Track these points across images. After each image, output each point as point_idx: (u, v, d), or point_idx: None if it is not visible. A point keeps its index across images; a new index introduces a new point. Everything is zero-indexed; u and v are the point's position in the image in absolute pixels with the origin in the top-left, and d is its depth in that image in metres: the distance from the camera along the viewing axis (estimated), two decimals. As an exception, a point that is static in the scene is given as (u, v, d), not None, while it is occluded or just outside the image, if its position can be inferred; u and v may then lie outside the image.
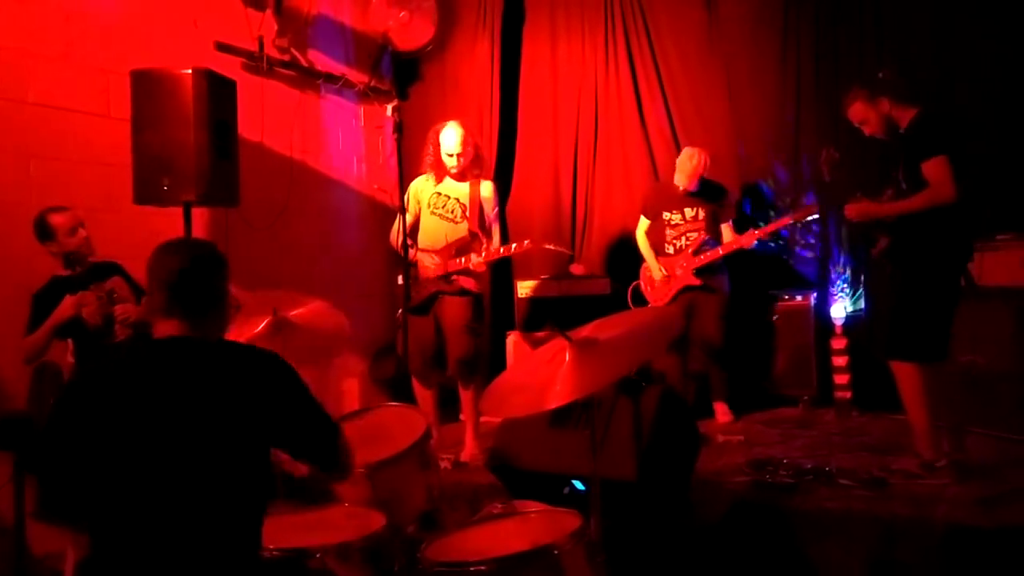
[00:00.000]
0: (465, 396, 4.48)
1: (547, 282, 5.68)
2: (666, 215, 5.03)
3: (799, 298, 5.15)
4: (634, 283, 5.21)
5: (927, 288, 3.51)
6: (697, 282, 4.89)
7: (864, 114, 3.66)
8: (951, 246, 3.54)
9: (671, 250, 5.01)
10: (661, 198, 5.10)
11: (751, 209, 5.42)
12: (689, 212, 4.97)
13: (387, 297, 5.87)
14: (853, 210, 3.67)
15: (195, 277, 1.94)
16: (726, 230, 4.97)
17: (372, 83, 6.14)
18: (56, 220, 3.64)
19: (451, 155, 4.35)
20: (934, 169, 3.40)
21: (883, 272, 3.73)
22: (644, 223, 5.14)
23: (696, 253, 4.90)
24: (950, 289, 3.54)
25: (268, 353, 1.94)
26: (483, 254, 4.28)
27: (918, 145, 3.47)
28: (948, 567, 2.94)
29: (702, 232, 4.93)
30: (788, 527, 3.22)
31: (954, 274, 3.56)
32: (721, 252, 4.85)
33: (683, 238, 4.98)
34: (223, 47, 4.97)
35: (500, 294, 5.99)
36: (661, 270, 4.99)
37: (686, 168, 4.89)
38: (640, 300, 5.16)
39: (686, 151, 4.99)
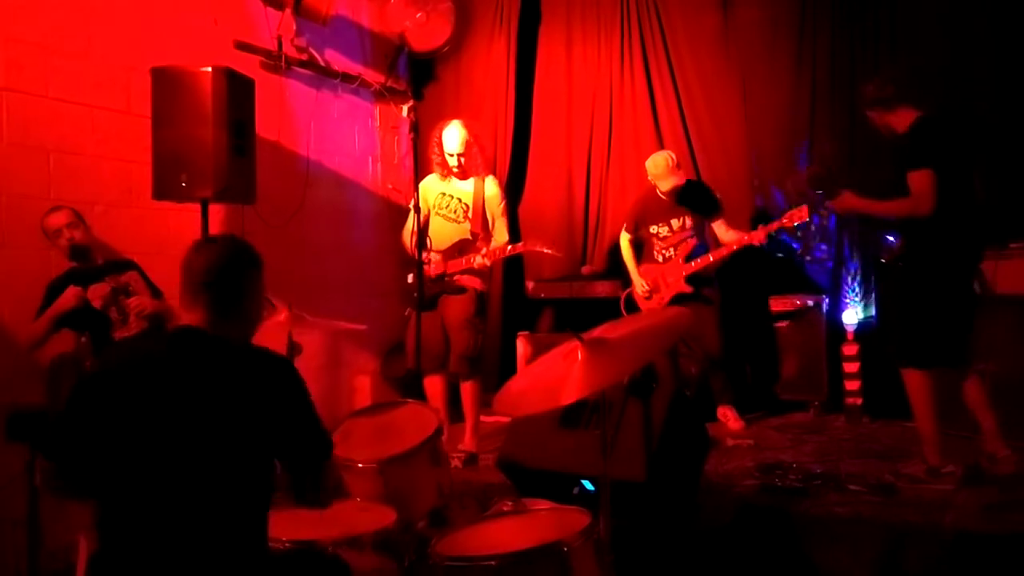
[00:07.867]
0: (465, 392, 4.49)
1: (558, 283, 5.68)
2: (653, 228, 4.97)
3: (811, 303, 5.13)
4: (627, 291, 5.17)
5: (929, 294, 3.51)
6: (689, 289, 4.80)
7: (872, 120, 3.77)
8: (956, 252, 3.52)
9: (660, 259, 4.97)
10: (647, 211, 5.01)
11: (766, 213, 5.40)
12: (676, 223, 4.91)
13: (400, 296, 5.90)
14: (836, 202, 3.78)
15: (227, 274, 1.94)
16: (720, 228, 4.88)
17: (388, 83, 6.17)
18: (46, 222, 3.71)
19: (452, 155, 4.41)
20: (917, 181, 3.42)
21: (893, 277, 3.70)
22: (626, 236, 5.09)
23: (688, 260, 4.83)
24: (956, 295, 3.53)
25: (281, 359, 1.95)
26: (484, 253, 4.32)
27: (907, 153, 3.49)
28: (957, 573, 2.94)
29: (691, 239, 4.86)
30: (796, 531, 3.23)
31: (960, 280, 3.55)
32: (726, 252, 4.73)
33: (671, 249, 4.91)
34: (242, 46, 5.01)
35: (510, 294, 6.01)
36: (643, 285, 4.95)
37: (660, 171, 4.80)
38: (633, 307, 5.10)
39: (650, 160, 4.90)
